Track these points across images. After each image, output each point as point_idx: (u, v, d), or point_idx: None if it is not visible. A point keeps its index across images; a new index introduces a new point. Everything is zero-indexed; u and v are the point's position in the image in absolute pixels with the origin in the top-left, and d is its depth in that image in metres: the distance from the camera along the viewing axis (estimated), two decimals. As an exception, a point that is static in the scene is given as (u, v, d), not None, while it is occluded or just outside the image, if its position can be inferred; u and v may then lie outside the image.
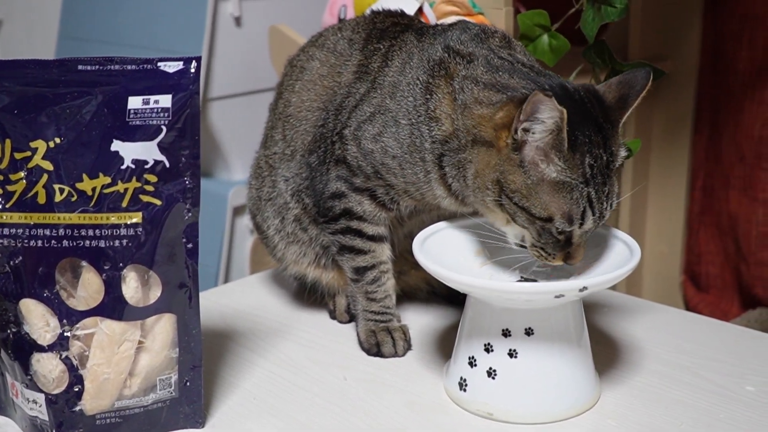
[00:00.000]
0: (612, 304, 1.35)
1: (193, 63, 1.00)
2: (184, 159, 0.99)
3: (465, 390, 1.08)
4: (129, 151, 0.97)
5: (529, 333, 1.03)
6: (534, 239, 1.05)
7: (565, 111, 0.96)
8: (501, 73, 1.07)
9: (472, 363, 1.07)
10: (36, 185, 0.96)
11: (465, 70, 1.09)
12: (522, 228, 1.05)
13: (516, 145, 1.01)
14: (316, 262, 1.30)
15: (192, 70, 0.99)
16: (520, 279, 1.14)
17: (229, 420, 1.07)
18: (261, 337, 1.27)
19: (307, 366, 1.19)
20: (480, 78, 1.07)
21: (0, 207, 0.96)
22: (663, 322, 1.30)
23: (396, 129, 1.12)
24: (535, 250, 1.06)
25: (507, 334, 1.04)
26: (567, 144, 0.99)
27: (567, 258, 1.06)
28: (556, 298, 1.00)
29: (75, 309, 0.97)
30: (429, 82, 1.11)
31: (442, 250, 1.12)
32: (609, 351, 1.20)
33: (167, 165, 0.98)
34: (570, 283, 1.02)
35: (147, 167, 0.97)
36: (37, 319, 0.97)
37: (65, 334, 0.97)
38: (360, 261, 1.21)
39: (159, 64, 1.00)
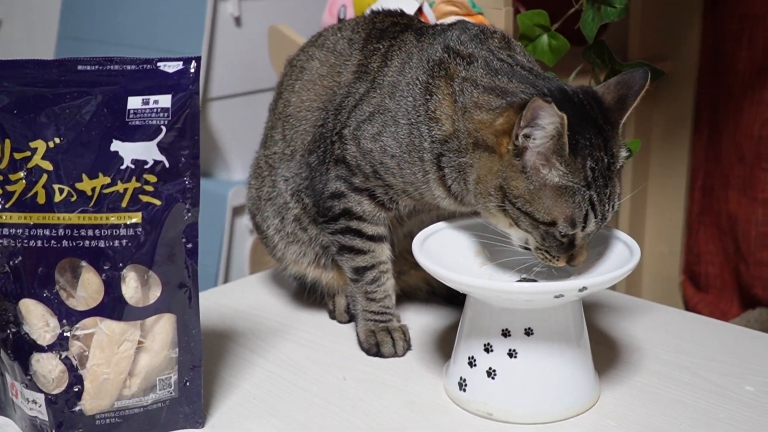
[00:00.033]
0: (612, 304, 1.35)
1: (193, 63, 1.00)
2: (183, 159, 0.99)
3: (465, 390, 1.08)
4: (129, 151, 0.97)
5: (529, 333, 1.03)
6: (538, 243, 1.05)
7: (566, 116, 0.96)
8: (500, 77, 1.07)
9: (471, 363, 1.07)
10: (35, 185, 0.96)
11: (465, 71, 1.09)
12: (525, 232, 1.05)
13: (517, 151, 1.00)
14: (315, 262, 1.29)
15: (191, 70, 0.99)
16: (519, 279, 1.14)
17: (229, 420, 1.07)
18: (261, 337, 1.27)
19: (307, 366, 1.19)
20: (480, 81, 1.07)
21: (0, 207, 0.96)
22: (662, 322, 1.30)
23: (395, 129, 1.12)
24: (540, 252, 1.06)
25: (507, 334, 1.04)
26: (568, 148, 0.99)
27: (570, 260, 1.06)
28: (555, 298, 1.00)
29: (75, 309, 0.97)
30: (429, 82, 1.10)
31: (441, 250, 1.12)
32: (608, 351, 1.20)
33: (167, 165, 0.98)
34: (570, 283, 1.02)
35: (147, 167, 0.97)
36: (37, 319, 0.97)
37: (65, 334, 0.97)
38: (359, 261, 1.21)
39: (158, 64, 1.00)
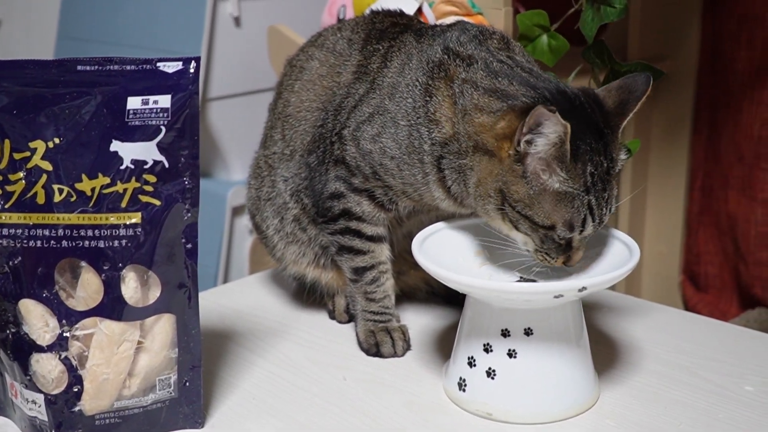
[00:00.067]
0: (611, 304, 1.35)
1: (192, 63, 1.00)
2: (183, 159, 0.99)
3: (464, 390, 1.08)
4: (128, 152, 0.97)
5: (529, 333, 1.03)
6: (537, 245, 1.05)
7: (569, 125, 0.96)
8: (500, 78, 1.07)
9: (471, 363, 1.07)
10: (35, 185, 0.96)
11: (465, 72, 1.09)
12: (524, 234, 1.05)
13: (518, 157, 1.01)
14: (315, 262, 1.29)
15: (191, 70, 0.99)
16: (519, 279, 1.14)
17: (229, 420, 1.07)
18: (260, 337, 1.27)
19: (307, 366, 1.19)
20: (480, 82, 1.07)
21: (-1, 207, 0.96)
22: (662, 322, 1.30)
23: (395, 130, 1.12)
24: (539, 255, 1.06)
25: (506, 334, 1.04)
26: (569, 155, 0.99)
27: (567, 260, 1.06)
28: (555, 298, 1.00)
29: (74, 309, 0.97)
30: (428, 83, 1.10)
31: (441, 250, 1.12)
32: (608, 351, 1.20)
33: (166, 165, 0.98)
34: (569, 283, 1.02)
35: (146, 167, 0.97)
36: (37, 320, 0.97)
37: (64, 334, 0.97)
38: (359, 261, 1.21)
39: (158, 64, 1.00)
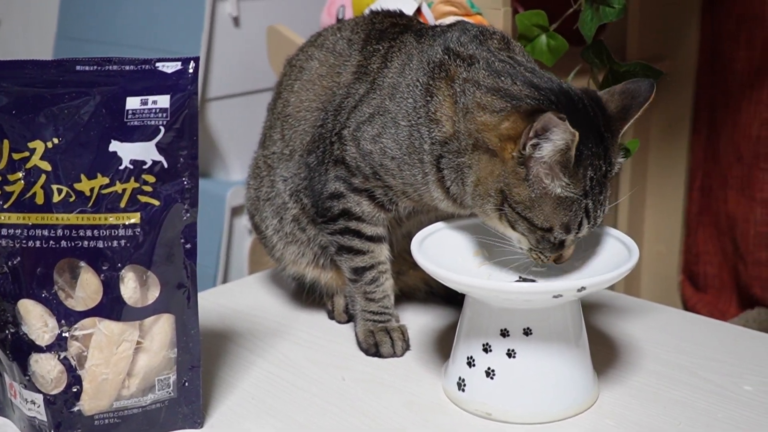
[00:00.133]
0: (610, 304, 1.35)
1: (191, 63, 1.00)
2: (182, 159, 0.98)
3: (463, 390, 1.08)
4: (127, 152, 0.97)
5: (528, 333, 1.03)
6: (532, 245, 1.06)
7: (578, 134, 0.96)
8: (503, 78, 1.06)
9: (470, 363, 1.07)
10: (34, 186, 0.96)
11: (466, 72, 1.09)
12: (521, 234, 1.06)
13: (522, 160, 1.01)
14: (314, 262, 1.29)
15: (190, 70, 0.99)
16: (518, 279, 1.14)
17: (228, 420, 1.07)
18: (259, 338, 1.27)
19: (306, 366, 1.19)
20: (482, 82, 1.07)
21: (-2, 207, 0.96)
22: (661, 322, 1.30)
23: (395, 130, 1.12)
24: (533, 253, 1.07)
25: (505, 334, 1.04)
26: (573, 161, 0.99)
27: (558, 258, 1.07)
28: (554, 298, 1.00)
29: (73, 309, 0.97)
30: (429, 83, 1.10)
31: (440, 250, 1.12)
32: (607, 351, 1.20)
33: (165, 165, 0.98)
34: (568, 283, 1.02)
35: (145, 168, 0.97)
36: (36, 320, 0.97)
37: (63, 334, 0.97)
38: (358, 261, 1.21)
39: (157, 64, 1.00)
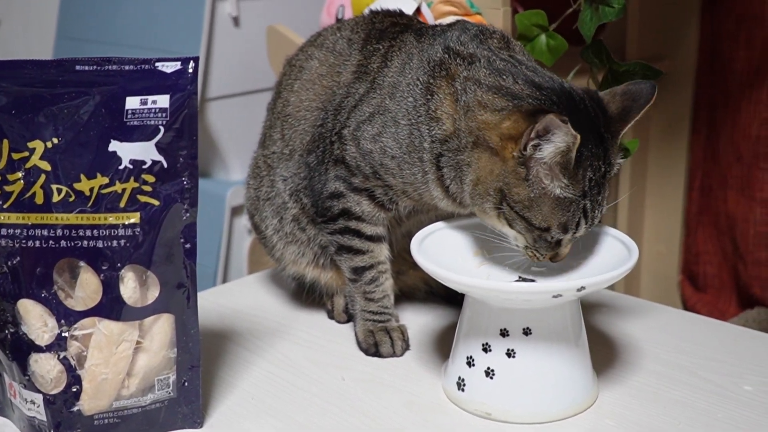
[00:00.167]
0: (610, 303, 1.35)
1: (191, 63, 1.00)
2: (182, 159, 0.98)
3: (463, 390, 1.08)
4: (127, 152, 0.97)
5: (527, 333, 1.03)
6: (528, 243, 1.06)
7: (579, 137, 0.96)
8: (505, 77, 1.06)
9: (470, 363, 1.07)
10: (34, 185, 0.96)
11: (466, 71, 1.09)
12: (518, 232, 1.06)
13: (522, 160, 1.01)
14: (314, 261, 1.29)
15: (190, 70, 0.99)
16: (518, 279, 1.14)
17: (228, 420, 1.07)
18: (259, 337, 1.27)
19: (306, 366, 1.19)
20: (483, 80, 1.07)
21: (-2, 207, 0.96)
22: (661, 321, 1.30)
23: (395, 129, 1.12)
24: (529, 251, 1.07)
25: (505, 333, 1.04)
26: (573, 163, 0.99)
27: (554, 257, 1.07)
28: (554, 297, 1.00)
29: (73, 309, 0.97)
30: (429, 82, 1.10)
31: (440, 250, 1.12)
32: (607, 351, 1.20)
33: (165, 165, 0.98)
34: (568, 283, 1.02)
35: (145, 167, 0.97)
36: (35, 320, 0.97)
37: (63, 334, 0.97)
38: (358, 261, 1.21)
39: (157, 64, 1.00)
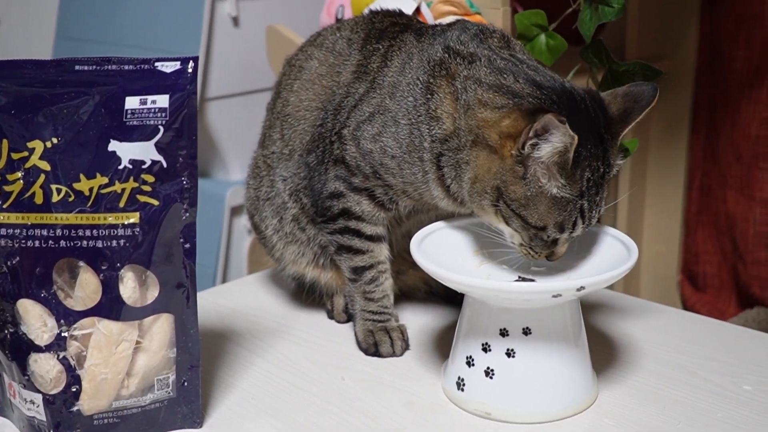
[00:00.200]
0: (609, 303, 1.35)
1: (191, 63, 1.00)
2: (181, 159, 0.98)
3: (463, 390, 1.08)
4: (126, 152, 0.97)
5: (527, 332, 1.03)
6: (524, 241, 1.07)
7: (577, 137, 0.96)
8: (506, 75, 1.06)
9: (469, 363, 1.07)
10: (33, 185, 0.96)
11: (467, 70, 1.09)
12: (514, 230, 1.06)
13: (520, 158, 1.01)
14: (314, 261, 1.29)
15: (189, 70, 0.99)
16: (517, 279, 1.14)
17: (227, 420, 1.07)
18: (259, 337, 1.27)
19: (305, 366, 1.19)
20: (484, 79, 1.07)
21: (-3, 207, 0.96)
22: (660, 321, 1.30)
23: (395, 129, 1.12)
24: (524, 248, 1.08)
25: (505, 333, 1.04)
26: (571, 163, 0.99)
27: (550, 255, 1.07)
28: (553, 297, 1.00)
29: (72, 309, 0.97)
30: (430, 82, 1.10)
31: (439, 249, 1.12)
32: (606, 350, 1.20)
33: (164, 165, 0.98)
34: (567, 283, 1.02)
35: (144, 167, 0.97)
36: (35, 320, 0.97)
37: (63, 334, 0.97)
38: (358, 261, 1.21)
39: (156, 64, 0.99)
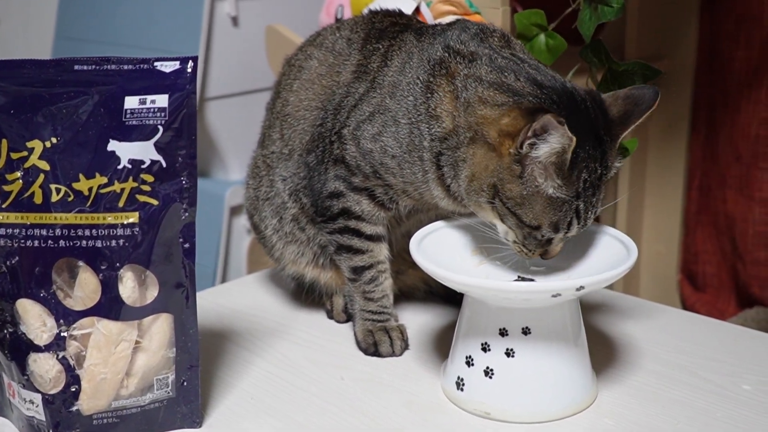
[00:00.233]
0: (609, 303, 1.35)
1: (190, 63, 1.00)
2: (180, 159, 0.98)
3: (462, 389, 1.08)
4: (125, 151, 0.97)
5: (526, 332, 1.03)
6: (518, 239, 1.07)
7: (575, 139, 0.96)
8: (507, 74, 1.06)
9: (469, 362, 1.07)
10: (32, 185, 0.96)
11: (467, 69, 1.09)
12: (509, 228, 1.06)
13: (518, 157, 1.01)
14: (314, 261, 1.29)
15: (189, 69, 0.99)
16: (517, 278, 1.14)
17: (227, 420, 1.07)
18: (258, 337, 1.27)
19: (305, 366, 1.19)
20: (484, 77, 1.07)
21: (-3, 207, 0.96)
22: (660, 321, 1.30)
23: (395, 128, 1.12)
24: (517, 246, 1.08)
25: (504, 333, 1.04)
26: (568, 164, 0.99)
27: (544, 254, 1.08)
28: (553, 297, 1.00)
29: (72, 309, 0.97)
30: (430, 81, 1.10)
31: (439, 249, 1.12)
32: (606, 350, 1.20)
33: (164, 165, 0.98)
34: (567, 282, 1.02)
35: (144, 167, 0.97)
36: (34, 319, 0.97)
37: (62, 334, 0.97)
38: (357, 260, 1.21)
39: (156, 63, 0.99)
